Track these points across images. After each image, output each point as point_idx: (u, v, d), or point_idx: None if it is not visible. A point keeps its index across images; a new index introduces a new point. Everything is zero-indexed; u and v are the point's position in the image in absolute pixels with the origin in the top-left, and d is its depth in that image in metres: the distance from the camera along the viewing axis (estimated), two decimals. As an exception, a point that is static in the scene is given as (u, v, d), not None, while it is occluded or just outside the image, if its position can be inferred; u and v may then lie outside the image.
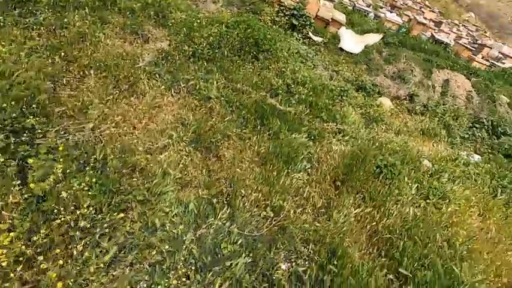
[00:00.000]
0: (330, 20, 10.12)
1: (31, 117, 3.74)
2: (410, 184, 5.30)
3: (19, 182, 2.97)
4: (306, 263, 3.56)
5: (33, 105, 3.95)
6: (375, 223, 4.41)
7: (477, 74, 10.82)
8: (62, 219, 2.84)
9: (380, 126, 7.08)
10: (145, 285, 2.80)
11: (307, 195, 4.55)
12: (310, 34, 9.44)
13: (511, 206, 5.80)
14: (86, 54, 5.53)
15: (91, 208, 3.04)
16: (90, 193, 3.11)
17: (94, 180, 3.25)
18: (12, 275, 2.48)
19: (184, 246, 3.19)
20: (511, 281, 4.39)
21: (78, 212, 2.92)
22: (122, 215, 3.19)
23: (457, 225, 4.90)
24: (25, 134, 3.53)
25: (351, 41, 9.91)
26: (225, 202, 3.98)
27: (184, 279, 2.98)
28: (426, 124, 7.99)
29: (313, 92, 6.38)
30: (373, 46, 10.08)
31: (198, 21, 7.13)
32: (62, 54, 5.30)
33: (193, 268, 3.09)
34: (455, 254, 4.20)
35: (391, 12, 14.75)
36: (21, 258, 2.57)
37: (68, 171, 3.22)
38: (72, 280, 2.58)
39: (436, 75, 10.23)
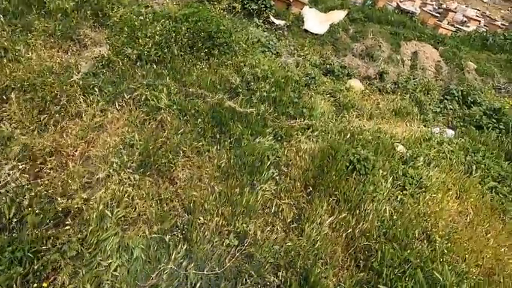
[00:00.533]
0: (292, 0, 9.23)
1: None
2: (385, 176, 4.87)
3: None
4: (277, 297, 3.09)
5: None
6: (350, 229, 3.98)
7: (444, 43, 10.37)
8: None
9: (351, 113, 6.55)
10: None
11: (276, 209, 4.03)
12: (272, 18, 8.57)
13: (486, 183, 5.54)
14: (4, 74, 4.55)
15: (-2, 287, 2.36)
16: (-5, 268, 2.43)
17: (3, 247, 2.55)
18: None
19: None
20: (493, 266, 4.15)
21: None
22: (45, 284, 2.54)
23: (435, 214, 4.57)
24: None
25: (316, 21, 9.12)
26: (181, 236, 3.38)
27: None
28: (398, 103, 7.53)
29: (276, 87, 5.69)
30: (339, 24, 9.34)
31: (141, 17, 6.13)
32: (-28, 78, 4.34)
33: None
34: (436, 252, 3.85)
35: (355, -16, 13.85)
36: None
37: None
38: None
39: (405, 48, 9.70)
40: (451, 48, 10.14)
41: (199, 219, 3.56)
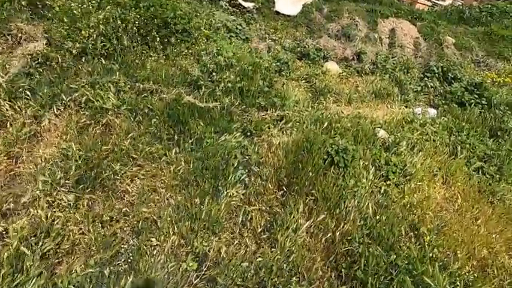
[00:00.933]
0: (260, -20, 8.33)
1: None
2: (367, 167, 4.32)
3: None
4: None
5: None
6: (330, 233, 3.43)
7: (421, 18, 9.81)
8: None
9: (328, 98, 5.92)
10: None
11: (245, 218, 3.42)
12: (239, 0, 7.71)
13: (472, 163, 5.10)
14: None
15: None
16: None
17: None
18: None
19: None
20: (485, 257, 3.73)
21: None
22: None
23: (422, 205, 4.09)
24: None
25: (287, 2, 8.31)
26: (126, 266, 2.74)
27: None
28: (377, 84, 6.94)
29: (243, 76, 4.97)
30: (312, 4, 8.57)
31: (84, 5, 5.18)
32: None
33: None
34: (425, 251, 3.37)
35: (328, -39, 12.91)
36: None
37: None
38: None
39: (382, 25, 9.05)
40: (428, 24, 9.58)
41: (151, 241, 2.92)
